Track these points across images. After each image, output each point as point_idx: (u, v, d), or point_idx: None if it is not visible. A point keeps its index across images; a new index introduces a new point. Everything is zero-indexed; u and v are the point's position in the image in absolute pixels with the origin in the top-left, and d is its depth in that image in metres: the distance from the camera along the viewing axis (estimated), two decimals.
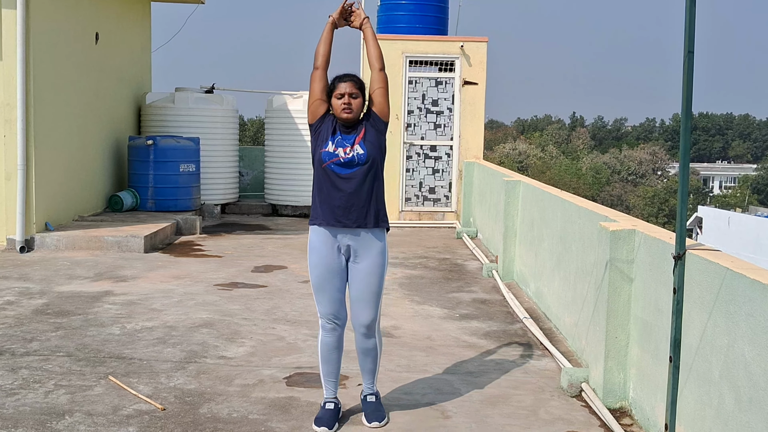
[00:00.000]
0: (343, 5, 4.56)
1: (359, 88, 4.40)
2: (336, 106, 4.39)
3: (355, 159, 4.36)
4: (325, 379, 4.59)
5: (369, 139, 4.41)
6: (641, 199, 60.80)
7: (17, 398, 4.75)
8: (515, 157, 63.79)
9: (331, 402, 4.54)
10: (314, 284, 4.52)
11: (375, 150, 4.41)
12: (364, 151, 4.37)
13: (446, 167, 13.17)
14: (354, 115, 4.39)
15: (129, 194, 12.13)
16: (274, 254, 9.94)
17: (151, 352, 5.71)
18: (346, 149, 4.37)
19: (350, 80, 4.39)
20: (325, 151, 4.38)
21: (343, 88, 4.36)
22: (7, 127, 9.55)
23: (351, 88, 4.36)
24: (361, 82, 4.45)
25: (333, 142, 4.39)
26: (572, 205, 6.24)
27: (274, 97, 14.08)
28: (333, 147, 4.37)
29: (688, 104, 3.74)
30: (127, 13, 13.25)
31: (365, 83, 4.46)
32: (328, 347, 4.54)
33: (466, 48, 12.90)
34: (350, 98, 4.36)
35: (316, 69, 4.47)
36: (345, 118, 4.38)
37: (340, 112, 4.37)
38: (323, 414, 4.48)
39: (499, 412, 4.76)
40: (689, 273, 3.86)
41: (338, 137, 4.41)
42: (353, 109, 4.37)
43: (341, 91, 4.36)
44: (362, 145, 4.38)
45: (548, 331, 6.52)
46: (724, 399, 3.50)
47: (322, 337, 4.55)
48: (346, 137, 4.41)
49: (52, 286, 7.77)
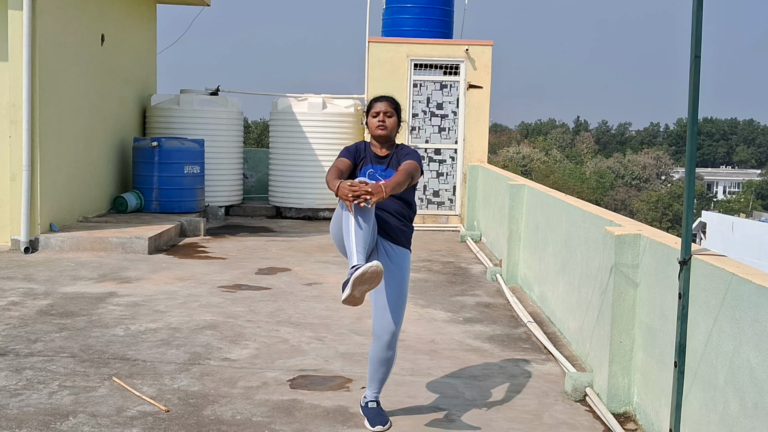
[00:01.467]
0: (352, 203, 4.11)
1: (394, 108, 4.58)
2: (371, 124, 4.55)
3: None
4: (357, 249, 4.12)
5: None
6: (645, 204, 60.73)
7: (21, 399, 4.75)
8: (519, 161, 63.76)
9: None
10: (345, 229, 4.16)
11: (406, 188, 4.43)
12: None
13: (451, 171, 13.18)
14: (387, 132, 4.53)
15: (133, 196, 12.15)
16: (278, 256, 9.95)
17: (155, 354, 5.72)
18: (379, 183, 4.26)
19: (386, 101, 4.58)
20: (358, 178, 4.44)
21: (378, 107, 4.55)
22: (13, 128, 9.57)
23: (386, 107, 4.54)
24: (397, 103, 4.62)
25: (364, 175, 4.46)
26: (577, 210, 6.23)
27: (278, 100, 14.09)
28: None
29: (695, 109, 3.74)
30: (132, 15, 13.28)
31: (400, 105, 4.66)
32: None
33: (471, 51, 12.91)
34: (385, 116, 4.53)
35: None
36: (379, 134, 4.52)
37: (374, 129, 4.53)
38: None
39: (503, 416, 4.75)
40: (695, 278, 3.86)
41: (369, 169, 4.51)
42: (387, 126, 4.53)
43: (377, 110, 4.54)
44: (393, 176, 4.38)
45: (552, 335, 6.51)
46: (729, 404, 3.50)
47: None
48: (378, 168, 4.51)
49: (56, 286, 7.78)
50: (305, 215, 13.75)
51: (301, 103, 13.78)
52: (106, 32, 11.86)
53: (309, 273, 8.90)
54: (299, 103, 13.80)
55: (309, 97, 13.79)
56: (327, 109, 13.65)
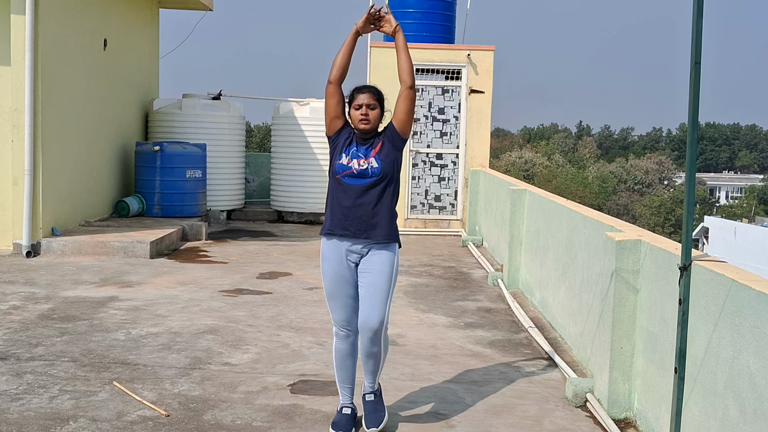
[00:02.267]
0: (369, 12, 4.54)
1: (377, 99, 4.46)
2: (354, 117, 4.45)
3: (369, 171, 4.39)
4: (341, 385, 4.61)
5: (385, 153, 4.44)
6: (647, 209, 60.67)
7: (22, 403, 4.75)
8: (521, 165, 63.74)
9: (348, 407, 4.57)
10: (327, 292, 4.55)
11: (389, 165, 4.43)
12: (378, 164, 4.40)
13: (452, 175, 13.18)
14: (371, 126, 4.44)
15: (135, 200, 12.16)
16: (279, 261, 9.95)
17: (156, 358, 5.72)
18: (360, 161, 4.41)
19: (368, 91, 4.45)
20: (339, 163, 4.44)
21: (361, 99, 4.42)
22: (15, 132, 9.59)
23: (369, 99, 4.42)
24: (380, 93, 4.51)
25: (348, 154, 4.44)
26: (578, 215, 6.23)
27: (280, 104, 14.11)
28: (347, 159, 4.43)
29: (695, 115, 3.74)
30: (135, 20, 13.31)
31: (383, 95, 4.52)
32: (342, 354, 4.56)
33: (473, 56, 12.92)
34: (368, 109, 4.41)
35: (330, 83, 4.48)
36: (362, 129, 4.44)
37: (357, 123, 4.43)
38: (340, 418, 4.51)
39: (503, 422, 4.75)
40: (695, 284, 3.86)
41: (353, 149, 4.46)
42: (371, 120, 4.43)
43: (359, 102, 4.42)
44: (377, 158, 4.42)
45: (553, 340, 6.51)
46: (728, 410, 3.49)
47: (336, 344, 4.57)
48: (361, 148, 4.46)
49: (57, 291, 7.79)
50: (307, 219, 13.75)
51: (302, 108, 13.80)
52: (109, 37, 11.89)
53: (310, 277, 8.90)
54: (301, 108, 13.81)
55: (311, 102, 13.81)
56: None
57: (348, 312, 4.50)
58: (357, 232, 4.40)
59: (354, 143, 4.48)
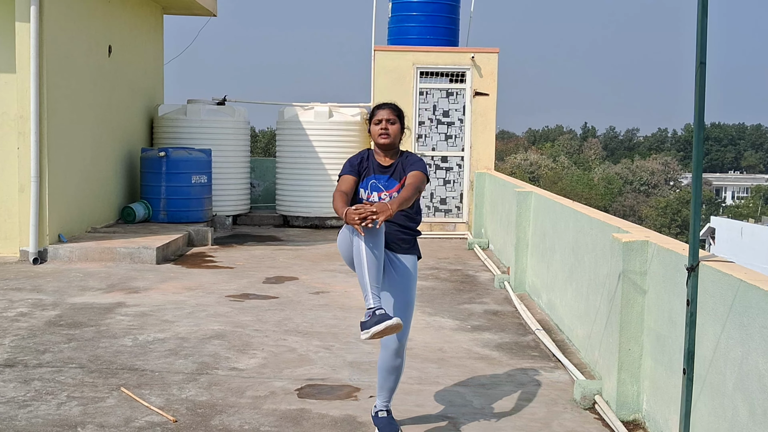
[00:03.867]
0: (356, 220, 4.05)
1: (397, 115, 4.49)
2: (374, 132, 4.47)
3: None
4: (372, 286, 4.09)
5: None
6: (654, 210, 60.59)
7: (30, 410, 4.76)
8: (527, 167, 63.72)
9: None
10: (348, 258, 4.29)
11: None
12: None
13: (457, 178, 13.18)
14: (391, 140, 4.44)
15: (141, 206, 12.18)
16: (285, 265, 9.95)
17: (163, 364, 5.72)
18: (381, 194, 4.41)
19: (388, 108, 4.49)
20: (358, 198, 4.44)
21: (381, 114, 4.46)
22: (21, 140, 9.61)
23: (389, 114, 4.46)
24: (400, 110, 4.53)
25: (366, 187, 4.43)
26: (584, 216, 6.22)
27: (285, 109, 14.12)
28: (366, 194, 4.43)
29: (701, 115, 3.73)
30: (139, 26, 13.34)
31: (403, 112, 4.55)
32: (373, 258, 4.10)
33: (477, 59, 12.92)
34: (387, 124, 4.44)
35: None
36: (382, 143, 4.44)
37: (377, 137, 4.45)
38: (368, 318, 4.01)
39: (511, 425, 4.74)
40: (702, 284, 3.84)
41: (372, 180, 4.45)
42: (390, 134, 4.43)
43: (379, 117, 4.46)
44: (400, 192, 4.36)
45: (561, 343, 6.49)
46: (738, 411, 3.48)
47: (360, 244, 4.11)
48: (381, 178, 4.45)
49: (64, 297, 7.80)
50: (312, 224, 13.76)
51: (307, 112, 13.81)
52: (114, 43, 11.92)
53: (316, 282, 8.90)
54: (306, 112, 13.82)
55: (315, 106, 13.82)
56: (333, 117, 13.68)
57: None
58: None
59: (372, 171, 4.46)
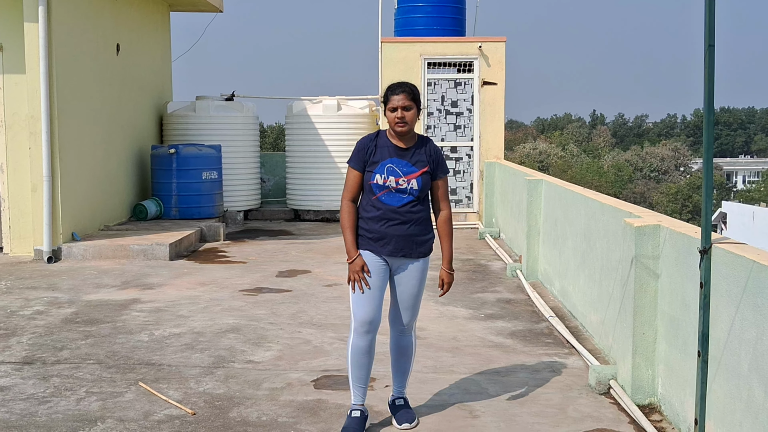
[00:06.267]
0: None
1: (413, 99, 4.31)
2: (390, 119, 4.31)
3: (407, 190, 4.32)
4: (355, 384, 4.43)
5: (426, 179, 4.36)
6: (664, 196, 60.36)
7: (49, 406, 4.81)
8: (536, 156, 63.55)
9: (358, 410, 4.42)
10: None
11: (426, 185, 4.40)
12: (419, 186, 4.33)
13: (467, 168, 13.18)
14: (408, 128, 4.32)
15: (153, 203, 12.24)
16: (297, 259, 9.99)
17: (180, 358, 5.77)
18: (399, 179, 4.30)
19: (403, 92, 4.30)
20: (374, 183, 4.31)
21: (396, 101, 4.29)
22: (32, 139, 9.67)
23: (404, 100, 4.28)
24: (415, 92, 4.35)
25: (383, 172, 4.30)
26: (596, 203, 6.22)
27: (294, 103, 14.15)
28: (382, 178, 4.30)
29: (711, 98, 3.73)
30: (146, 24, 13.38)
31: (418, 92, 4.39)
32: (360, 351, 4.38)
33: (485, 48, 12.90)
34: (404, 111, 4.28)
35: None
36: (399, 131, 4.31)
37: (394, 125, 4.31)
38: (350, 423, 4.38)
39: (527, 411, 4.76)
40: (715, 267, 3.85)
41: (388, 165, 4.31)
42: (408, 122, 4.30)
43: (394, 104, 4.29)
44: (419, 181, 4.33)
45: (574, 329, 6.51)
46: (753, 392, 3.49)
47: (354, 340, 4.39)
48: (399, 162, 4.32)
49: (80, 295, 7.86)
50: (323, 217, 13.79)
51: (315, 106, 13.83)
52: (121, 42, 11.96)
53: (329, 275, 8.94)
54: (314, 106, 13.84)
55: (324, 100, 13.84)
56: (342, 110, 13.70)
57: (374, 305, 4.33)
58: (394, 251, 4.36)
59: (389, 157, 4.33)
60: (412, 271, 4.44)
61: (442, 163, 4.47)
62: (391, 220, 4.32)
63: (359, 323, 4.37)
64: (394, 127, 4.32)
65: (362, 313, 4.35)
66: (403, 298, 4.46)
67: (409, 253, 4.40)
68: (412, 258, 4.42)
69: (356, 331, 4.39)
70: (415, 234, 4.39)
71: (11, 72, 9.87)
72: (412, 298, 4.48)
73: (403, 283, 4.45)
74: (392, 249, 4.35)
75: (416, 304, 4.52)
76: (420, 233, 4.41)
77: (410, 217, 4.35)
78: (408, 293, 4.46)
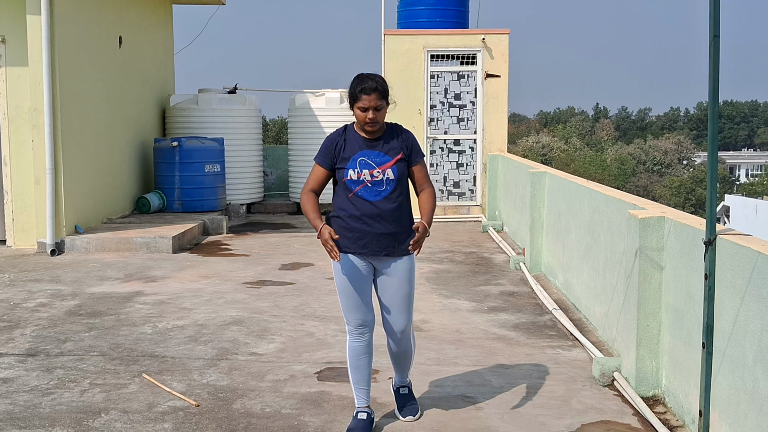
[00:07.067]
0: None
1: (383, 97, 4.13)
2: (359, 118, 4.16)
3: (383, 183, 4.18)
4: (356, 387, 4.36)
5: (401, 167, 4.23)
6: (667, 190, 60.27)
7: (53, 397, 4.81)
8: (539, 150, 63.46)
9: (364, 411, 4.32)
10: (340, 289, 4.31)
11: (402, 172, 4.25)
12: (395, 176, 4.19)
13: (470, 161, 13.15)
14: (379, 127, 4.18)
15: (156, 196, 12.24)
16: (300, 252, 9.99)
17: (183, 350, 5.77)
18: (373, 171, 4.16)
19: (374, 92, 4.09)
20: (348, 179, 4.17)
21: (366, 101, 4.09)
22: (35, 132, 9.67)
23: (375, 101, 4.09)
24: (385, 89, 4.15)
25: (355, 167, 4.16)
26: (599, 195, 6.21)
27: (296, 96, 14.13)
28: (356, 173, 4.16)
29: (716, 87, 3.71)
30: (149, 16, 13.36)
31: (387, 86, 4.19)
32: (357, 352, 4.31)
33: (488, 41, 12.87)
34: (375, 112, 4.11)
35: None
36: (369, 131, 4.17)
37: (363, 125, 4.16)
38: (356, 425, 4.27)
39: (531, 403, 4.75)
40: (720, 258, 3.84)
41: (360, 158, 4.17)
42: (378, 122, 4.15)
43: (365, 104, 4.10)
44: (395, 170, 4.19)
45: (578, 321, 6.50)
46: (758, 383, 3.48)
47: (350, 342, 4.32)
48: (370, 154, 4.18)
49: (83, 287, 7.87)
50: (325, 211, 13.73)
51: (318, 99, 13.81)
52: (124, 34, 11.95)
53: (331, 267, 8.91)
54: (317, 99, 13.82)
55: (326, 92, 13.82)
56: (344, 103, 13.66)
57: (364, 309, 4.26)
58: (377, 249, 4.22)
59: (358, 148, 4.18)
60: (398, 271, 4.27)
61: (417, 148, 4.30)
62: (370, 217, 4.18)
63: (353, 326, 4.31)
64: (364, 126, 4.16)
65: (354, 317, 4.28)
66: (393, 301, 4.29)
67: (392, 251, 4.23)
68: (395, 256, 4.25)
69: (351, 333, 4.33)
70: (398, 231, 4.23)
71: (14, 64, 9.87)
72: (403, 300, 4.30)
73: (391, 285, 4.28)
74: (375, 248, 4.20)
75: (409, 307, 4.34)
76: (402, 230, 4.25)
77: (390, 212, 4.19)
78: (398, 295, 4.28)
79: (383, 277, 4.30)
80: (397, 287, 4.29)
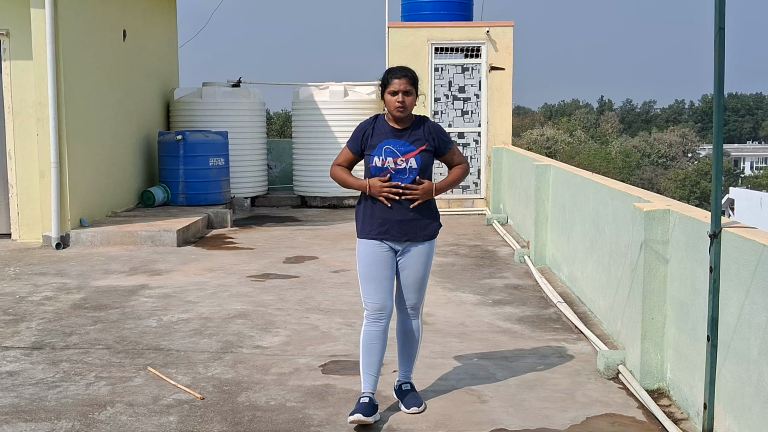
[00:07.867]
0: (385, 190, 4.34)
1: (413, 84, 4.34)
2: (389, 103, 4.32)
3: (407, 170, 4.35)
4: (365, 372, 4.43)
5: (426, 157, 4.39)
6: (672, 182, 60.17)
7: (59, 390, 4.83)
8: (543, 143, 63.35)
9: (368, 396, 4.40)
10: (362, 274, 4.43)
11: (427, 162, 4.41)
12: (418, 165, 4.35)
13: (475, 154, 13.14)
14: (407, 112, 4.34)
15: (160, 189, 12.25)
16: (304, 245, 9.99)
17: (188, 343, 5.78)
18: (397, 159, 4.34)
19: (404, 77, 4.31)
20: (373, 166, 4.35)
21: (396, 85, 4.29)
22: (40, 126, 9.68)
23: (405, 85, 4.30)
24: (415, 77, 4.37)
25: (380, 154, 4.34)
26: (604, 188, 6.20)
27: (300, 89, 14.12)
28: (380, 161, 4.34)
29: (721, 80, 3.71)
30: (153, 10, 13.36)
31: (417, 77, 4.40)
32: (372, 336, 4.40)
33: (492, 33, 12.84)
34: (404, 96, 4.29)
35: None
36: (398, 116, 4.34)
37: (393, 109, 4.32)
38: (359, 407, 4.35)
39: (535, 396, 4.76)
40: (725, 251, 3.83)
41: (386, 146, 4.35)
42: (407, 107, 4.31)
43: (395, 88, 4.29)
44: (418, 159, 4.35)
45: (583, 314, 6.50)
46: (763, 376, 3.48)
47: (366, 327, 4.42)
48: (396, 143, 4.35)
49: (88, 281, 7.88)
50: (330, 204, 13.78)
51: (322, 92, 13.80)
52: (128, 28, 11.95)
53: (336, 261, 8.94)
54: (321, 92, 13.81)
55: (330, 86, 13.81)
56: (348, 96, 13.67)
57: (383, 294, 4.38)
58: (398, 235, 4.38)
59: (385, 137, 4.37)
60: (417, 255, 4.45)
61: (444, 138, 4.50)
62: (392, 203, 4.35)
63: (371, 311, 4.42)
64: (394, 111, 4.33)
65: (373, 302, 4.40)
66: (408, 281, 4.47)
67: (414, 237, 4.41)
68: (417, 242, 4.43)
69: (368, 318, 4.44)
70: (419, 218, 4.40)
71: (18, 58, 9.87)
72: (417, 282, 4.49)
73: (408, 267, 4.45)
74: (396, 233, 4.38)
75: (422, 287, 4.53)
76: (424, 216, 4.43)
77: (412, 200, 4.37)
78: (413, 276, 4.47)
79: (402, 259, 4.46)
80: (414, 269, 4.46)
